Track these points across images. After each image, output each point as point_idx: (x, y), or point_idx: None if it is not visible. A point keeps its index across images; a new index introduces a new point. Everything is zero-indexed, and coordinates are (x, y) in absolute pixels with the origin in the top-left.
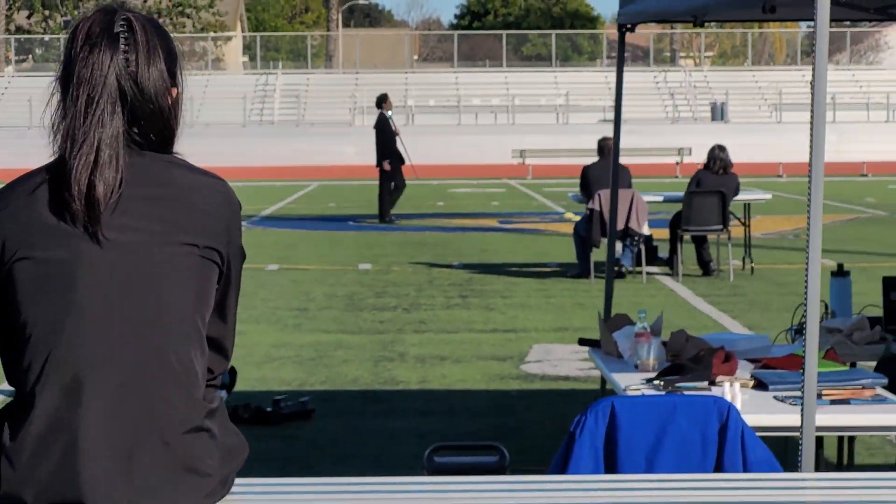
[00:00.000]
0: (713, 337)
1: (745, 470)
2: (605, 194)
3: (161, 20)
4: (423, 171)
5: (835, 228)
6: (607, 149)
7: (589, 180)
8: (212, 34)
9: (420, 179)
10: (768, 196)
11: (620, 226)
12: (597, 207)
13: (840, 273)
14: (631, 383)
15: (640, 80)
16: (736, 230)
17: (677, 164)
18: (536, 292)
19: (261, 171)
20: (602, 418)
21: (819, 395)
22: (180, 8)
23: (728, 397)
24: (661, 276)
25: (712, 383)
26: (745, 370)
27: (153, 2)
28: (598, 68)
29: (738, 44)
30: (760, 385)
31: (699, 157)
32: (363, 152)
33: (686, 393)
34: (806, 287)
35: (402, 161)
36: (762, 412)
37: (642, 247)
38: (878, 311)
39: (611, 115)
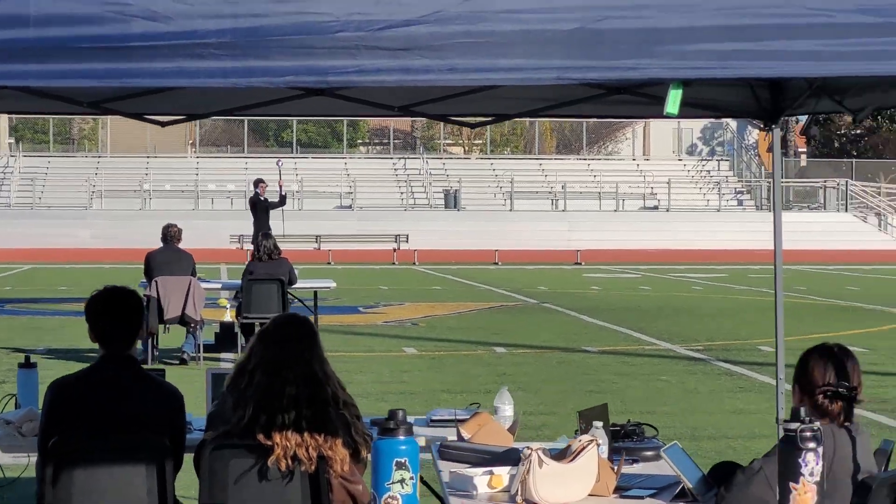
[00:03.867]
0: None
1: None
2: (161, 281)
3: None
4: None
5: (466, 317)
6: (170, 235)
7: (150, 266)
8: None
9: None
10: (332, 284)
11: (177, 313)
12: (153, 294)
13: (27, 365)
14: None
15: (379, 166)
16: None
17: (394, 250)
18: None
19: None
20: None
21: None
22: None
23: None
24: (232, 362)
25: None
26: None
27: None
28: (338, 154)
29: (506, 132)
30: None
31: (416, 244)
32: (98, 235)
33: None
34: None
35: None
36: None
37: (199, 333)
38: None
39: (347, 202)
